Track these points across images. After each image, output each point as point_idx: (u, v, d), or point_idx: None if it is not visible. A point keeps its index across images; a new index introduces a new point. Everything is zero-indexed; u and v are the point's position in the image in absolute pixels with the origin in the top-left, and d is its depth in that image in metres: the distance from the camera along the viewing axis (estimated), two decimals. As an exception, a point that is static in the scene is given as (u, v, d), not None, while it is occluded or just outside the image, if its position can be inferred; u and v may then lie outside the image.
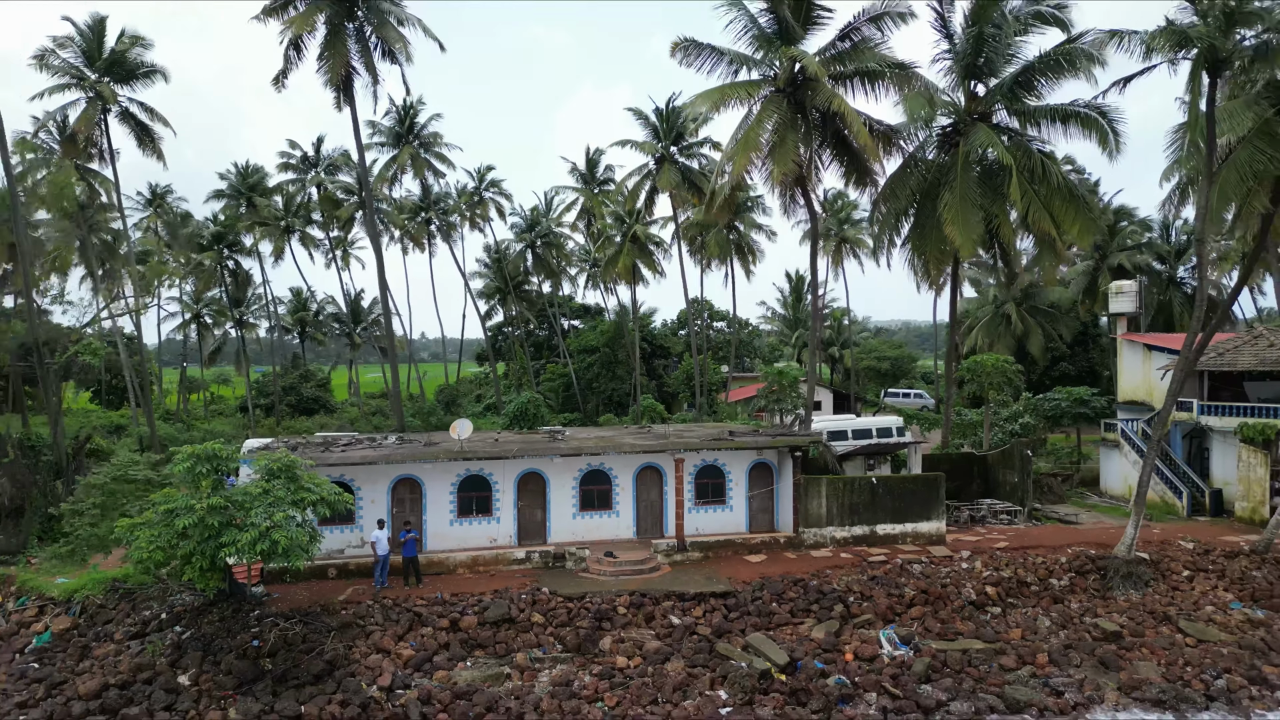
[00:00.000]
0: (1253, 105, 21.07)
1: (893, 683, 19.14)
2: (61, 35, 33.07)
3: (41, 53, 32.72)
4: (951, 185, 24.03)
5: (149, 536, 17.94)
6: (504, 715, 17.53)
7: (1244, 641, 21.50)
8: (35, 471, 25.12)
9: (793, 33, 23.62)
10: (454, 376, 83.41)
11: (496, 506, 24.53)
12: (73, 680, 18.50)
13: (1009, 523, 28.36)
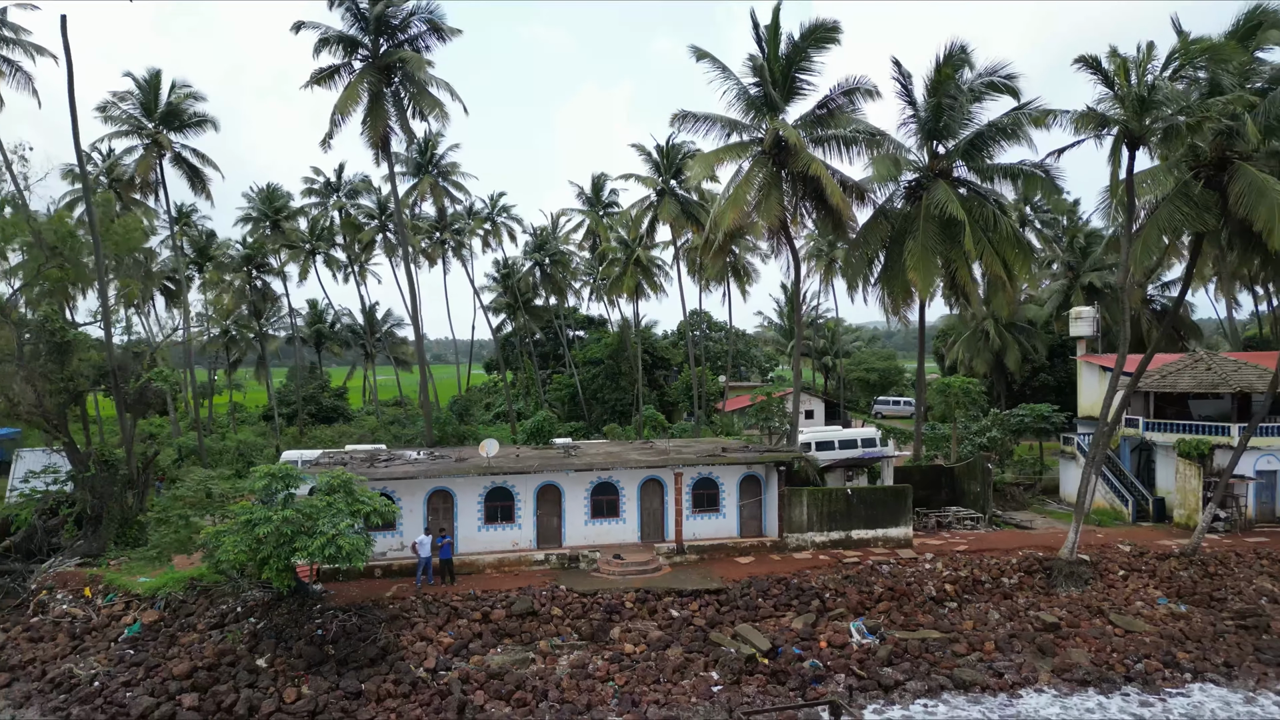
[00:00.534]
0: (1173, 169, 24.34)
1: (859, 666, 22.43)
2: (122, 90, 36.47)
3: (104, 104, 36.08)
4: (915, 234, 27.26)
5: (233, 542, 21.24)
6: (530, 692, 20.82)
7: (1165, 632, 24.75)
8: (112, 484, 28.40)
9: (777, 102, 26.90)
10: (464, 381, 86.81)
11: (518, 514, 27.81)
12: (165, 663, 21.80)
13: (971, 528, 31.62)
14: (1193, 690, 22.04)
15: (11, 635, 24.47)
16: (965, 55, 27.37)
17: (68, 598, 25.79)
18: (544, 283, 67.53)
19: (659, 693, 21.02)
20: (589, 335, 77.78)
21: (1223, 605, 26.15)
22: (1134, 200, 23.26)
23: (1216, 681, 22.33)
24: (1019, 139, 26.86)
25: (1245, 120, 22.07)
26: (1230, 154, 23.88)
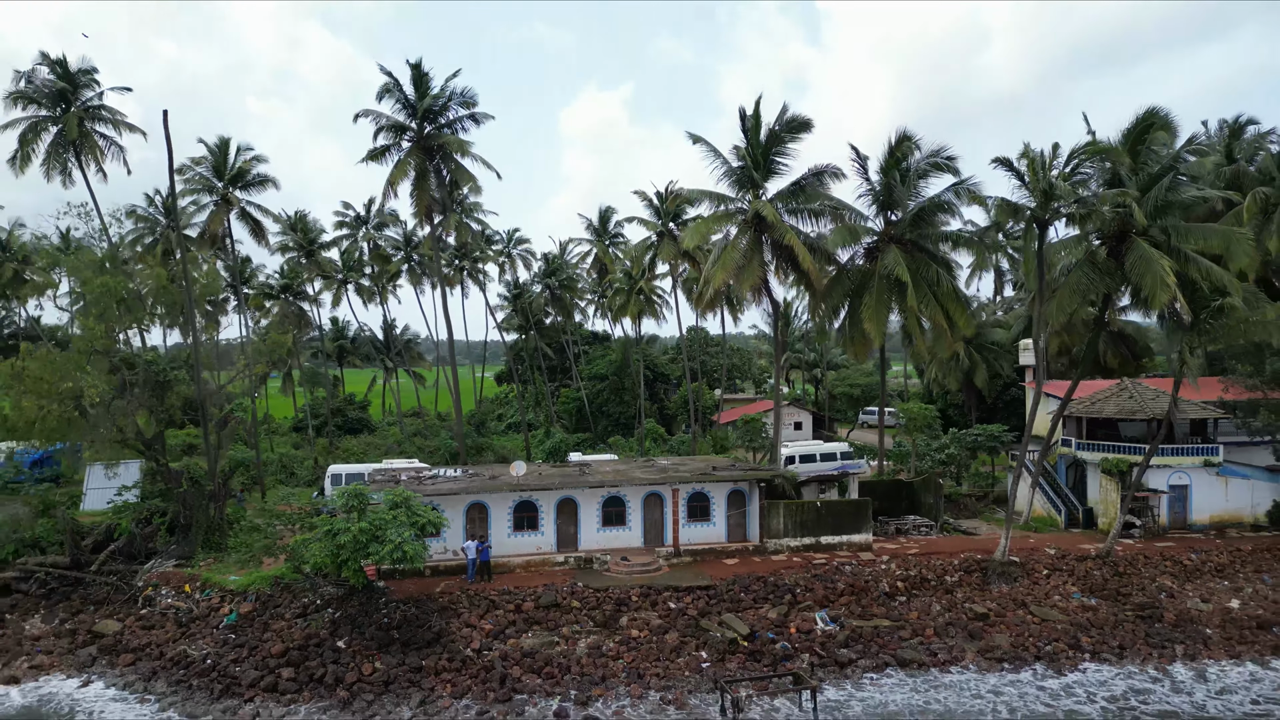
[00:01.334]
0: (1084, 240, 29.36)
1: (820, 648, 27.44)
2: (198, 155, 41.56)
3: (181, 168, 41.07)
4: (870, 290, 32.27)
5: (319, 548, 26.33)
6: (557, 667, 25.85)
7: (1074, 621, 29.76)
8: (199, 497, 33.42)
9: (758, 180, 31.92)
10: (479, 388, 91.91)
11: (542, 523, 32.84)
12: (263, 645, 26.85)
13: (925, 534, 36.61)
14: (1088, 668, 27.06)
15: (128, 624, 29.52)
16: (912, 141, 32.41)
17: (170, 593, 30.82)
18: (553, 304, 72.64)
19: (659, 668, 26.04)
20: (594, 350, 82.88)
21: (1126, 599, 31.18)
22: (1044, 269, 28.19)
23: (1109, 661, 27.35)
24: (954, 212, 31.91)
25: (1133, 206, 27.03)
26: (1128, 228, 28.91)
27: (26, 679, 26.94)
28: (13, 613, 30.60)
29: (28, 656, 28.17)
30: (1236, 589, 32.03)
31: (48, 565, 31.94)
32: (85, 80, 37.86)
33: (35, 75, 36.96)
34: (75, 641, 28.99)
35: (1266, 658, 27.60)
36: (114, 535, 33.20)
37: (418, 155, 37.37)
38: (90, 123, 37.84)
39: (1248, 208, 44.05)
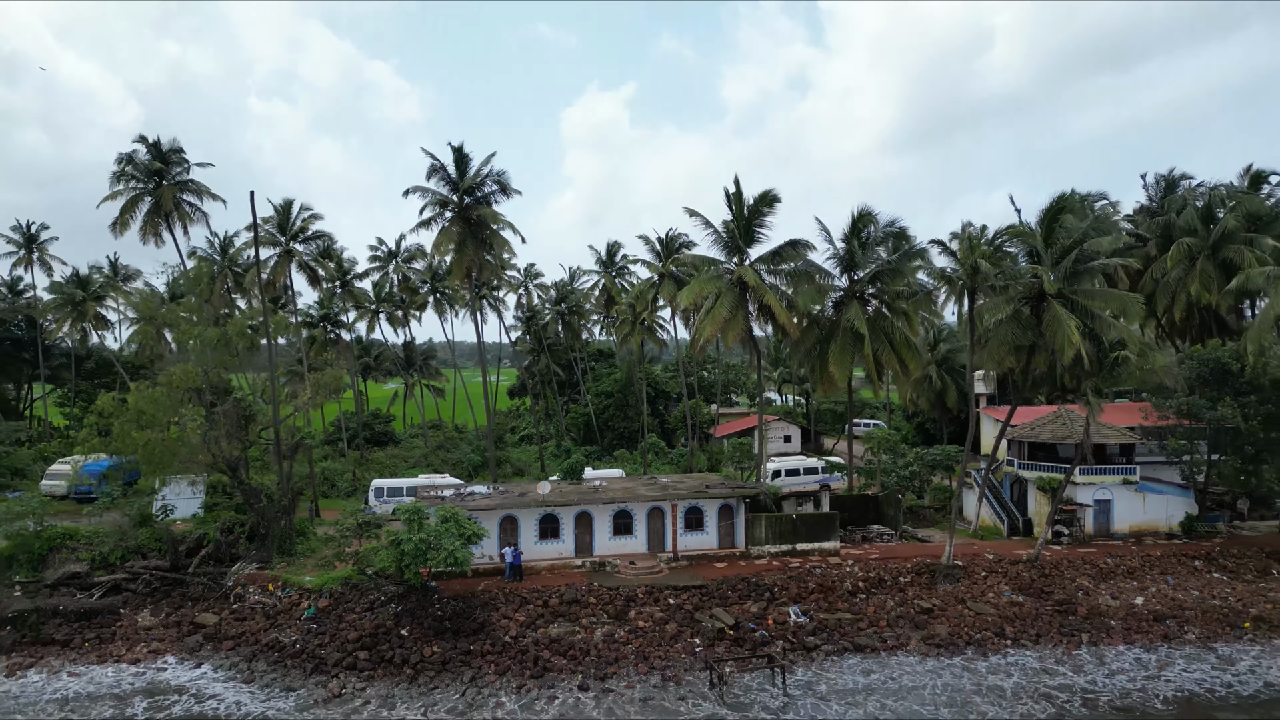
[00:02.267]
0: (1009, 302, 35.24)
1: (792, 636, 33.29)
2: (268, 215, 47.44)
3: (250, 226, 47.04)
4: (836, 339, 38.10)
5: (385, 554, 32.21)
6: (578, 651, 31.71)
7: (1002, 614, 35.59)
8: (274, 510, 39.30)
9: (742, 247, 37.81)
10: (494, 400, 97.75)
11: (562, 533, 38.70)
12: (340, 633, 32.73)
13: (886, 541, 42.42)
14: (1009, 652, 32.91)
15: (223, 617, 35.39)
16: (870, 215, 38.30)
17: (256, 591, 36.69)
18: (564, 328, 78.54)
19: (661, 651, 31.90)
20: (600, 367, 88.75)
21: (1048, 597, 36.99)
22: (974, 326, 33.95)
23: (1026, 647, 33.20)
24: (903, 274, 37.76)
25: (1046, 275, 32.83)
26: (1046, 291, 34.75)
27: (146, 661, 32.84)
28: (125, 607, 36.46)
29: (144, 643, 34.12)
30: (1143, 588, 37.88)
31: (151, 568, 37.78)
32: (175, 159, 43.88)
33: (135, 156, 43.03)
34: (181, 631, 34.90)
35: (1155, 644, 33.48)
36: (204, 542, 39.07)
37: (459, 224, 43.25)
38: (179, 194, 43.82)
39: (1172, 257, 50.06)
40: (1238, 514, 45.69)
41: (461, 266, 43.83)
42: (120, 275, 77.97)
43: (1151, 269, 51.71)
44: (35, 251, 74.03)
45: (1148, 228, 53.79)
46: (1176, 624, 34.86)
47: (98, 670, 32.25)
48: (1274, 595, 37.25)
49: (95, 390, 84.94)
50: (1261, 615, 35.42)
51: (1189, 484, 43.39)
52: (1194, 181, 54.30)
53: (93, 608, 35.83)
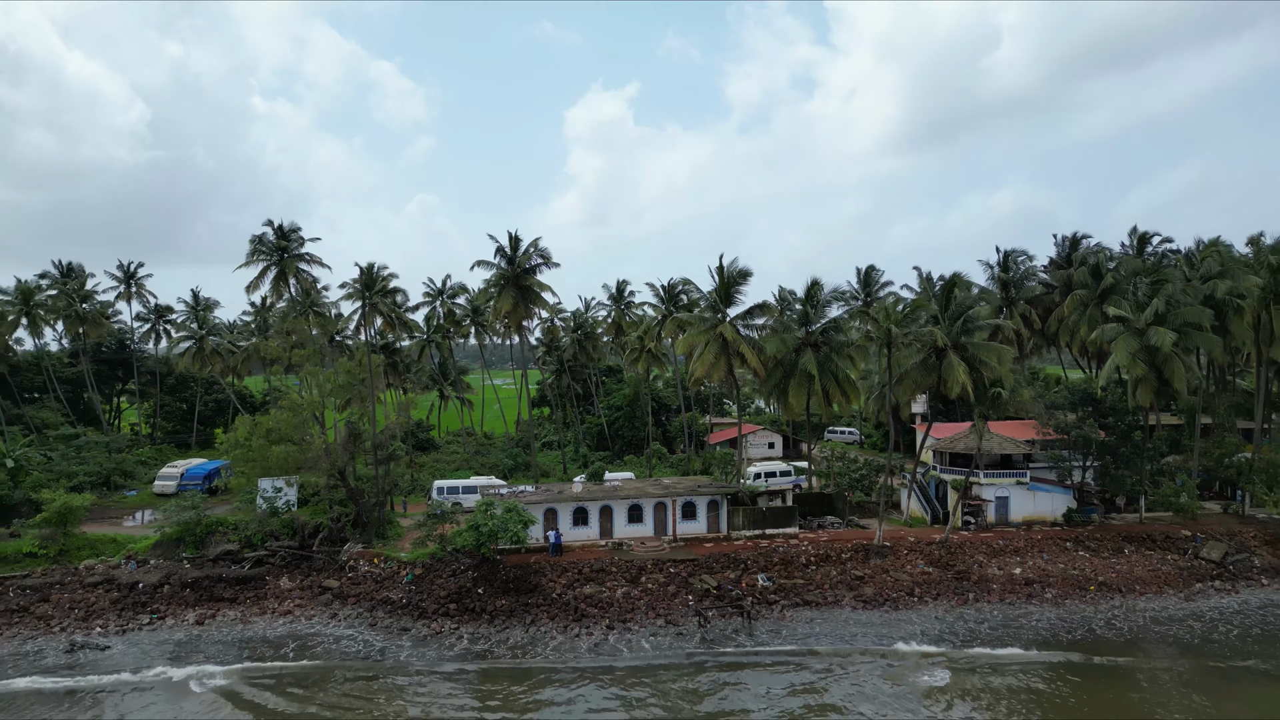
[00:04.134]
0: (918, 351, 47.08)
1: (759, 594, 45.12)
2: (353, 277, 59.67)
3: (345, 283, 59.17)
4: (794, 378, 49.84)
5: (467, 535, 44.07)
6: (605, 604, 43.57)
7: (915, 580, 47.31)
8: (371, 504, 51.16)
9: (722, 307, 49.69)
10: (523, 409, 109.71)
11: (590, 521, 50.50)
12: (434, 591, 44.64)
13: (835, 528, 54.18)
14: (916, 606, 44.76)
15: (343, 582, 47.19)
16: (820, 285, 50.21)
17: (364, 563, 48.57)
18: (580, 351, 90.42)
19: (663, 604, 43.68)
20: (610, 382, 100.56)
21: (952, 568, 48.73)
22: (892, 369, 45.64)
23: (928, 603, 44.96)
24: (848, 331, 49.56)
25: (941, 334, 44.63)
26: (944, 344, 46.54)
27: (292, 613, 44.74)
28: (269, 575, 48.34)
29: (288, 600, 46.03)
30: (1022, 562, 49.66)
31: (284, 546, 49.64)
32: (294, 237, 55.91)
33: (265, 237, 55.12)
34: (313, 592, 46.77)
35: (1020, 601, 45.32)
36: (320, 528, 50.97)
37: (513, 290, 55.20)
38: (296, 263, 55.75)
39: (1068, 304, 61.89)
40: (1115, 508, 57.45)
41: (515, 321, 55.77)
42: (202, 305, 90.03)
43: (1055, 312, 63.47)
44: (134, 285, 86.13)
45: (1055, 278, 65.61)
46: (1040, 587, 46.71)
47: (258, 620, 44.12)
48: (1120, 567, 49.08)
49: (177, 403, 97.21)
50: (1105, 581, 47.28)
51: (1069, 484, 55.22)
52: (1092, 241, 66.08)
53: (246, 575, 47.70)
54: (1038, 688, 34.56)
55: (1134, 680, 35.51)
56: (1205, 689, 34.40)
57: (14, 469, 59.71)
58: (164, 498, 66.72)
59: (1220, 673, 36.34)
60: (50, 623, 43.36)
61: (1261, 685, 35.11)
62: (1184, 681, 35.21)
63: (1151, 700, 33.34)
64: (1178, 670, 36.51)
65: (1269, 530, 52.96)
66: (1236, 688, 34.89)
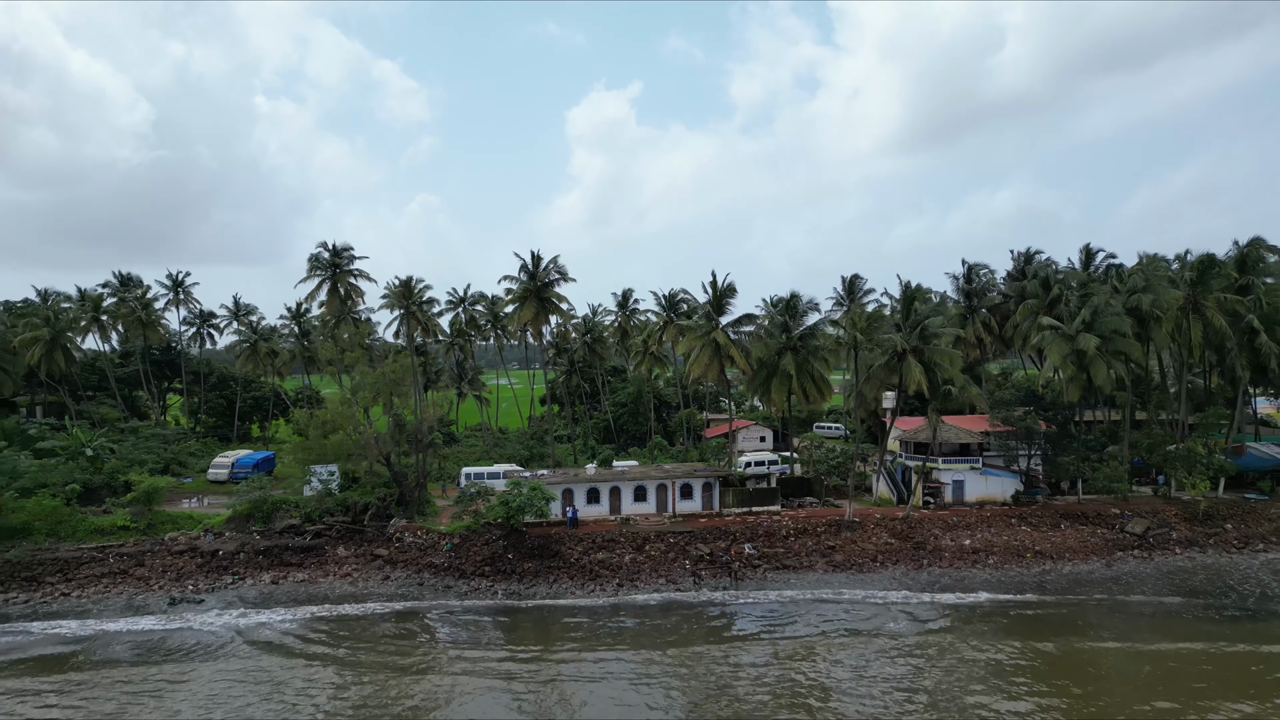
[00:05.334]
0: (882, 355, 54.72)
1: (745, 559, 52.82)
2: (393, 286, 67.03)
3: (385, 293, 66.68)
4: (776, 377, 57.43)
5: (497, 509, 51.75)
6: (615, 567, 51.21)
7: (879, 549, 54.93)
8: (411, 486, 58.82)
9: (715, 316, 57.40)
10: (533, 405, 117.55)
11: (601, 499, 58.10)
12: (471, 556, 52.32)
13: (812, 506, 61.75)
14: (878, 569, 52.44)
15: (391, 551, 54.75)
16: (799, 297, 57.86)
17: (409, 535, 56.20)
18: (589, 353, 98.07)
19: (664, 569, 51.29)
20: (615, 381, 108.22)
21: (910, 539, 56.33)
22: (858, 370, 53.18)
23: (889, 567, 52.59)
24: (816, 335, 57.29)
25: (902, 340, 52.19)
26: (904, 348, 54.14)
27: (351, 576, 52.41)
28: (327, 546, 55.98)
29: (346, 564, 53.64)
30: (972, 534, 57.23)
31: (339, 521, 57.27)
32: (345, 255, 63.67)
33: (320, 256, 62.94)
34: (367, 559, 54.36)
35: (966, 566, 52.93)
36: (368, 506, 58.62)
37: (534, 302, 63.02)
38: (348, 278, 63.48)
39: (1020, 313, 69.51)
40: (1059, 490, 65.03)
41: (537, 329, 63.54)
42: (242, 311, 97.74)
43: (1011, 319, 71.07)
44: (180, 293, 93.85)
45: (1012, 289, 73.24)
46: (985, 555, 54.35)
47: (322, 580, 51.69)
48: (1055, 539, 56.69)
49: (217, 400, 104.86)
50: (1041, 550, 54.89)
51: (1017, 470, 62.85)
52: (1044, 256, 73.67)
53: (308, 545, 55.33)
54: (964, 621, 42.20)
55: (1046, 614, 43.16)
56: (1115, 621, 42.02)
57: (92, 457, 67.40)
58: (217, 484, 74.47)
59: (1127, 607, 43.99)
60: (149, 582, 51.01)
61: (1158, 619, 42.73)
62: (1095, 616, 42.83)
63: (1059, 623, 40.95)
64: (1088, 608, 44.15)
65: (1189, 509, 60.57)
66: (1139, 619, 42.51)
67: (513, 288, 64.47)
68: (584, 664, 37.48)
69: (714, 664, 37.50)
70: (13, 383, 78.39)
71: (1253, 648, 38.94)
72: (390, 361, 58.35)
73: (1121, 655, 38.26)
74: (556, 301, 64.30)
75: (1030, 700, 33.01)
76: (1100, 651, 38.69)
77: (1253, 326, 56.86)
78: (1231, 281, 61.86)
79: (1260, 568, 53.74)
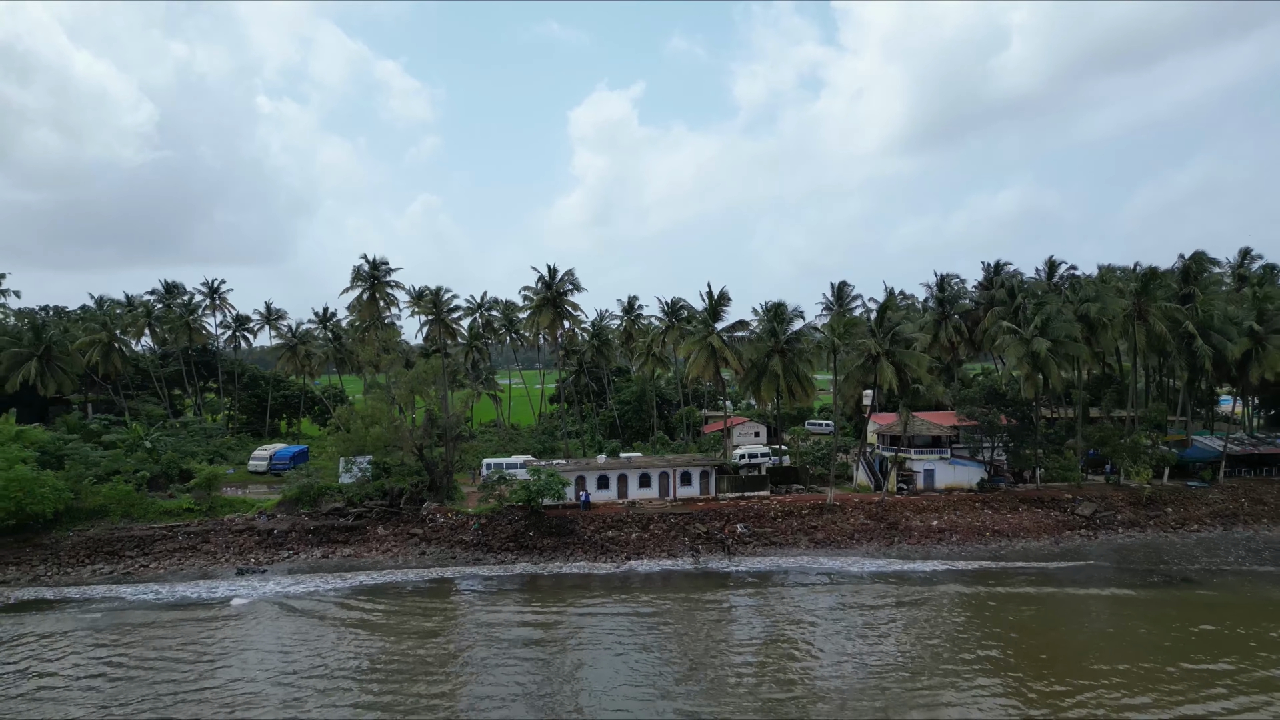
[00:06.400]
0: (858, 357, 61.47)
1: (737, 537, 59.62)
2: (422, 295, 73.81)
3: (418, 302, 73.44)
4: (766, 377, 64.26)
5: (519, 493, 58.57)
6: (624, 543, 58.01)
7: (856, 529, 61.67)
8: (441, 473, 65.60)
9: (711, 323, 64.29)
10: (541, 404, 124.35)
11: (611, 485, 64.81)
12: (496, 534, 59.14)
13: (798, 492, 68.51)
14: (854, 545, 59.24)
15: (425, 530, 61.58)
16: (785, 305, 64.69)
17: (440, 516, 62.99)
18: (597, 354, 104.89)
19: (667, 545, 58.01)
20: (620, 381, 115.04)
21: (884, 520, 63.08)
22: (836, 370, 59.87)
23: (863, 544, 59.40)
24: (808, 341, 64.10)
25: (875, 344, 58.95)
26: (878, 351, 60.86)
27: (392, 550, 59.21)
28: (369, 526, 62.77)
29: (386, 542, 60.46)
30: (939, 516, 63.94)
31: (379, 504, 64.09)
32: (383, 268, 70.68)
33: (361, 269, 69.87)
34: (404, 537, 61.13)
35: (932, 543, 59.70)
36: (403, 491, 65.41)
37: (550, 308, 69.89)
38: (385, 288, 70.45)
39: (989, 319, 76.27)
40: (1021, 478, 71.76)
41: (554, 334, 70.44)
42: (274, 316, 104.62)
43: (981, 324, 77.87)
44: (216, 299, 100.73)
45: (981, 297, 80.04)
46: (949, 533, 61.10)
47: (366, 555, 58.41)
48: (1012, 520, 63.37)
49: (250, 398, 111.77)
50: (999, 529, 61.65)
51: (982, 460, 69.62)
52: (1011, 268, 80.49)
53: (351, 525, 62.12)
54: (923, 582, 48.97)
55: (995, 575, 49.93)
56: (1054, 579, 48.76)
57: (150, 449, 74.25)
58: (256, 474, 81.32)
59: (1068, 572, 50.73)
60: (215, 556, 57.83)
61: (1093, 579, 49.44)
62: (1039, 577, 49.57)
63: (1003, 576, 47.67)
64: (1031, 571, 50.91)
65: (1134, 495, 67.26)
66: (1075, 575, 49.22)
67: (531, 296, 71.38)
68: (597, 614, 44.25)
69: (709, 606, 44.29)
70: (70, 382, 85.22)
71: (1163, 596, 45.70)
72: (423, 362, 65.12)
73: (1054, 599, 45.01)
74: (570, 309, 71.28)
75: (977, 631, 39.70)
76: (1035, 596, 45.45)
77: (1189, 331, 63.54)
78: (1175, 292, 68.53)
79: (1194, 545, 60.45)
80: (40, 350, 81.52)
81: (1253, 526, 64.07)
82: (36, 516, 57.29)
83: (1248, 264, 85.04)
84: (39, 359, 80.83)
